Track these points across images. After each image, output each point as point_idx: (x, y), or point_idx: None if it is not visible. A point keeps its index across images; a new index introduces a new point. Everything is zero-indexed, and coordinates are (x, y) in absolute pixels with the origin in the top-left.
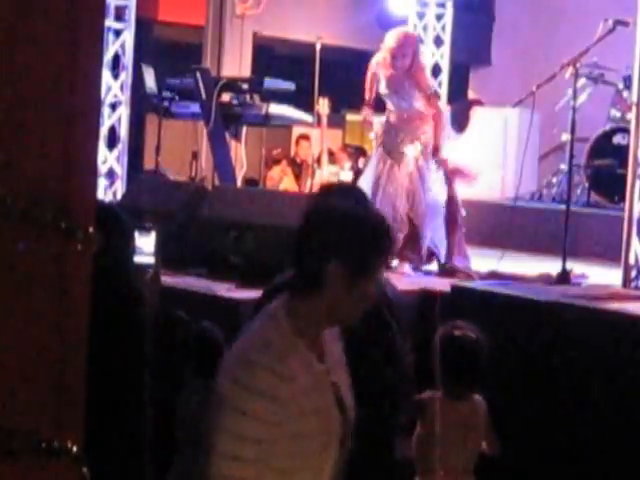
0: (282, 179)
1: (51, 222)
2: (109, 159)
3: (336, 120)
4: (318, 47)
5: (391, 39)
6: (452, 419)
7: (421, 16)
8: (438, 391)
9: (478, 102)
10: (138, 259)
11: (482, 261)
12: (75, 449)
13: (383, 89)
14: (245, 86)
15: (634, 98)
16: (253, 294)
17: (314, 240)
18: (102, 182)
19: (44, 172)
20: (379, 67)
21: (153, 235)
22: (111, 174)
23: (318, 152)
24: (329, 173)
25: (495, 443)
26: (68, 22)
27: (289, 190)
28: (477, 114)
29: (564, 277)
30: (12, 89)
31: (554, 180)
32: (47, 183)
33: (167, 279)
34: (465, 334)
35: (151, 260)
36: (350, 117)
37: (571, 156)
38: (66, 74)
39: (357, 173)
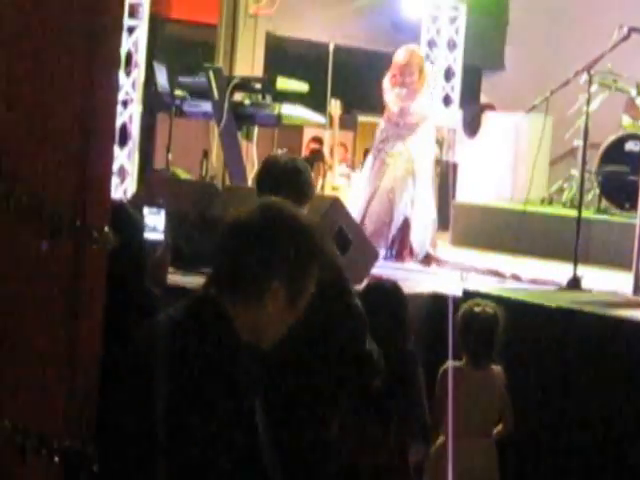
0: None
1: (67, 222)
2: (120, 157)
3: (348, 121)
4: (331, 48)
5: (400, 56)
6: (470, 386)
7: (434, 19)
8: (458, 361)
9: (490, 106)
10: (148, 235)
11: (493, 266)
12: (88, 449)
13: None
14: (258, 86)
15: None
16: None
17: (256, 256)
18: (113, 180)
19: (60, 173)
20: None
21: (163, 213)
22: (121, 172)
23: (329, 153)
24: (340, 174)
25: (509, 421)
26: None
27: None
28: (489, 118)
29: (575, 283)
30: (33, 95)
31: (565, 185)
32: (63, 183)
33: (178, 278)
34: (484, 309)
35: (161, 237)
36: (362, 118)
37: (584, 162)
38: (82, 78)
39: None
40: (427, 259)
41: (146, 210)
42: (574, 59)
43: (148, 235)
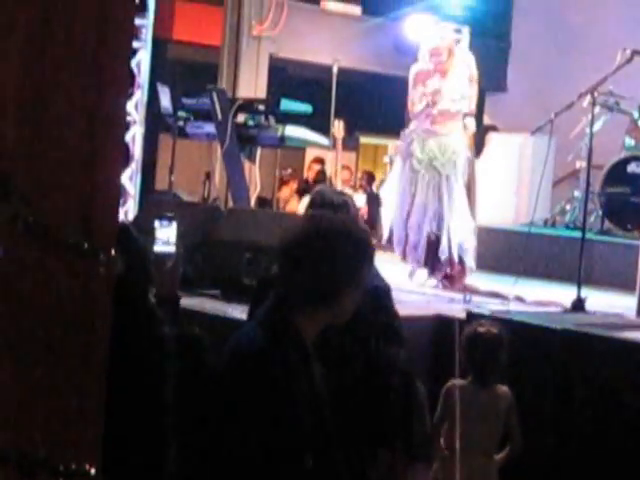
0: (290, 200)
1: (74, 244)
2: (122, 178)
3: (350, 143)
4: (335, 70)
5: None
6: (475, 404)
7: None
8: (463, 380)
9: (493, 128)
10: (159, 248)
11: (495, 287)
12: (93, 471)
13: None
14: (261, 107)
15: None
16: None
17: (325, 266)
18: None
19: (67, 196)
20: None
21: (174, 225)
22: (123, 193)
23: (331, 174)
24: None
25: (517, 439)
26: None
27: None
28: (492, 140)
29: (579, 305)
30: (41, 118)
31: (568, 207)
32: (70, 206)
33: (182, 300)
34: (488, 330)
35: (172, 249)
36: (364, 140)
37: (587, 184)
38: (91, 101)
39: (370, 196)
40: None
41: (157, 223)
42: (576, 81)
43: (159, 248)
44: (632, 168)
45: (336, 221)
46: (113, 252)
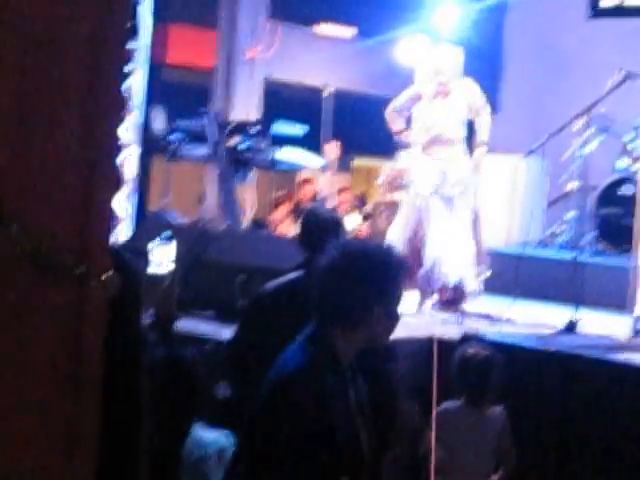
0: (284, 221)
1: (67, 268)
2: (115, 200)
3: (343, 165)
4: (329, 92)
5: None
6: (468, 426)
7: None
8: (457, 401)
9: None
10: (156, 269)
11: (490, 309)
12: None
13: None
14: (254, 130)
15: None
16: None
17: (358, 288)
18: None
19: (62, 218)
20: None
21: (173, 245)
22: (116, 215)
23: (325, 196)
24: None
25: (511, 460)
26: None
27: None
28: (484, 161)
29: (572, 327)
30: (36, 142)
31: (560, 228)
32: (65, 229)
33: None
34: (479, 351)
35: (169, 269)
36: (357, 162)
37: (581, 205)
38: (85, 124)
39: (365, 217)
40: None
41: (154, 243)
42: (568, 103)
43: (155, 269)
44: (624, 190)
45: (368, 246)
46: (108, 275)
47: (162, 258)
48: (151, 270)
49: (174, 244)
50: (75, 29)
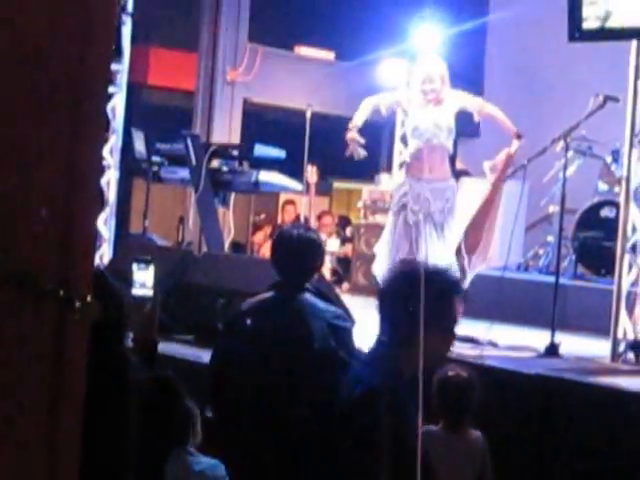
0: (264, 244)
1: (50, 291)
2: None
3: (323, 188)
4: (309, 115)
5: (423, 66)
6: (449, 451)
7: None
8: (436, 426)
9: (465, 173)
10: (137, 292)
11: (469, 332)
12: None
13: None
14: (235, 153)
15: (624, 173)
16: None
17: (415, 309)
18: None
19: (43, 242)
20: None
21: (152, 268)
22: (98, 238)
23: (304, 219)
24: None
25: None
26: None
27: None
28: (464, 184)
29: (553, 350)
30: (16, 165)
31: (540, 251)
32: (46, 253)
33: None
34: (458, 374)
35: (150, 293)
36: (337, 185)
37: (560, 228)
38: (66, 148)
39: (344, 241)
40: None
41: (135, 266)
42: (547, 126)
43: (137, 291)
44: (605, 213)
45: (424, 266)
46: (89, 299)
47: (144, 280)
48: (134, 292)
49: (152, 268)
50: (59, 49)
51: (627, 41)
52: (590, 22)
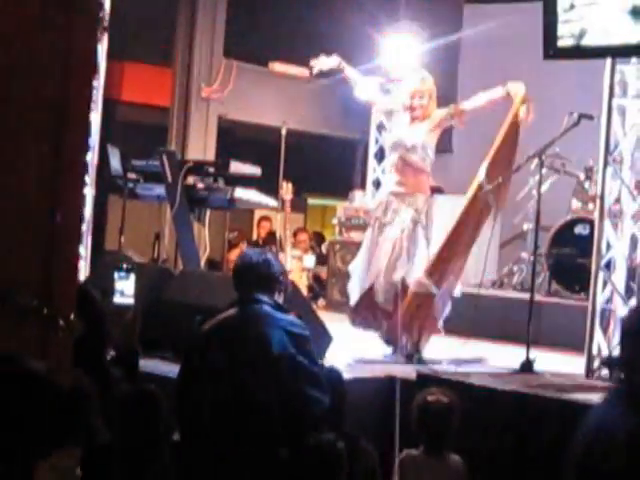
0: None
1: (33, 309)
2: None
3: (298, 204)
4: (284, 132)
5: (411, 81)
6: (427, 474)
7: None
8: (417, 450)
9: (439, 189)
10: (118, 300)
11: (445, 349)
12: None
13: None
14: (211, 169)
15: (598, 191)
16: None
17: None
18: None
19: (28, 262)
20: None
21: (132, 277)
22: None
23: (280, 236)
24: (292, 256)
25: None
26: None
27: None
28: (437, 201)
29: (528, 366)
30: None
31: (515, 268)
32: (31, 273)
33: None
34: (438, 398)
35: (130, 301)
36: (312, 201)
37: (535, 246)
38: (50, 166)
39: (319, 257)
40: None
41: (116, 275)
42: (521, 144)
43: (118, 300)
44: (579, 230)
45: None
46: (72, 317)
47: (125, 288)
48: (115, 300)
49: (132, 277)
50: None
51: (601, 59)
52: (565, 40)
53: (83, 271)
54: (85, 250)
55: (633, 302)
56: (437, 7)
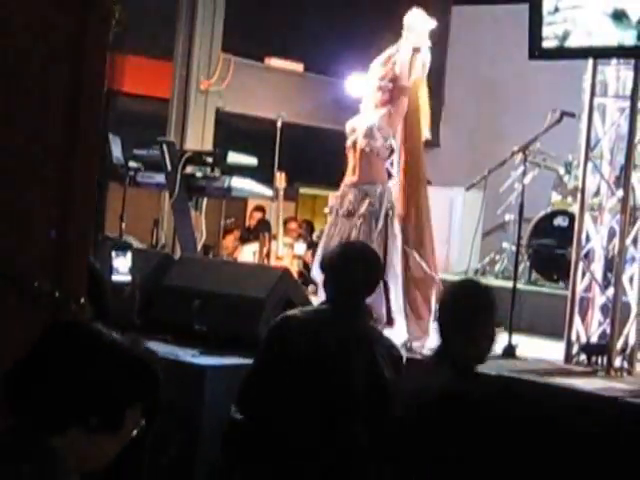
0: (237, 248)
1: (45, 292)
2: None
3: (290, 193)
4: (279, 124)
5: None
6: None
7: None
8: None
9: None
10: (116, 278)
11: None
12: None
13: None
14: (209, 159)
15: (579, 185)
16: (218, 361)
17: None
18: None
19: (40, 245)
20: None
21: (129, 255)
22: None
23: (274, 224)
24: (284, 244)
25: None
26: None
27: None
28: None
29: (510, 351)
30: (14, 171)
31: (496, 258)
32: (43, 256)
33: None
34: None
35: (128, 278)
36: (303, 190)
37: (519, 236)
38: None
39: (310, 245)
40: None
41: (114, 253)
42: (504, 138)
43: (115, 277)
44: (558, 222)
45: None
46: (83, 300)
47: (122, 266)
48: (114, 278)
49: (129, 255)
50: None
51: (583, 60)
52: (549, 41)
53: None
54: None
55: (610, 291)
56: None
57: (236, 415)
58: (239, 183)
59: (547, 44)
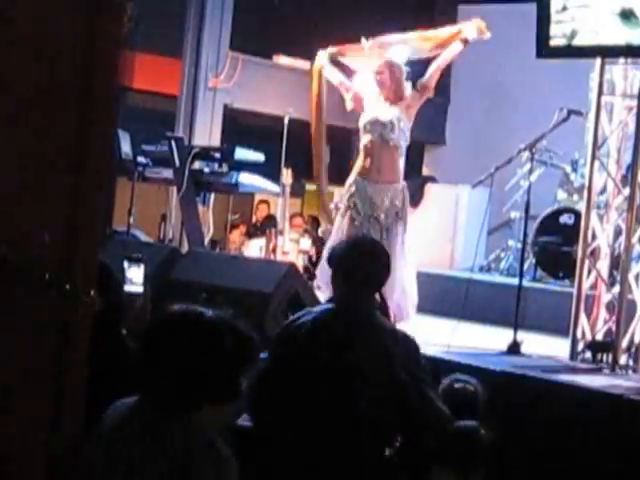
0: (243, 243)
1: (55, 284)
2: None
3: (296, 189)
4: (286, 121)
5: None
6: None
7: None
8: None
9: (432, 179)
10: (128, 288)
11: (435, 332)
12: None
13: None
14: (217, 155)
15: (586, 183)
16: None
17: None
18: None
19: (50, 238)
20: None
21: (142, 267)
22: None
23: (280, 219)
24: (290, 239)
25: None
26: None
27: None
28: (430, 190)
29: (515, 348)
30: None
31: (502, 255)
32: (52, 247)
33: None
34: (465, 387)
35: (140, 289)
36: (309, 187)
37: (525, 234)
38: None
39: (315, 241)
40: None
41: (126, 263)
42: (510, 136)
43: (128, 287)
44: (564, 219)
45: None
46: (92, 293)
47: (135, 277)
48: (126, 288)
49: (142, 267)
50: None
51: (591, 59)
52: (557, 40)
53: None
54: None
55: (616, 289)
56: (432, 7)
57: (244, 423)
58: (246, 179)
59: (555, 43)
